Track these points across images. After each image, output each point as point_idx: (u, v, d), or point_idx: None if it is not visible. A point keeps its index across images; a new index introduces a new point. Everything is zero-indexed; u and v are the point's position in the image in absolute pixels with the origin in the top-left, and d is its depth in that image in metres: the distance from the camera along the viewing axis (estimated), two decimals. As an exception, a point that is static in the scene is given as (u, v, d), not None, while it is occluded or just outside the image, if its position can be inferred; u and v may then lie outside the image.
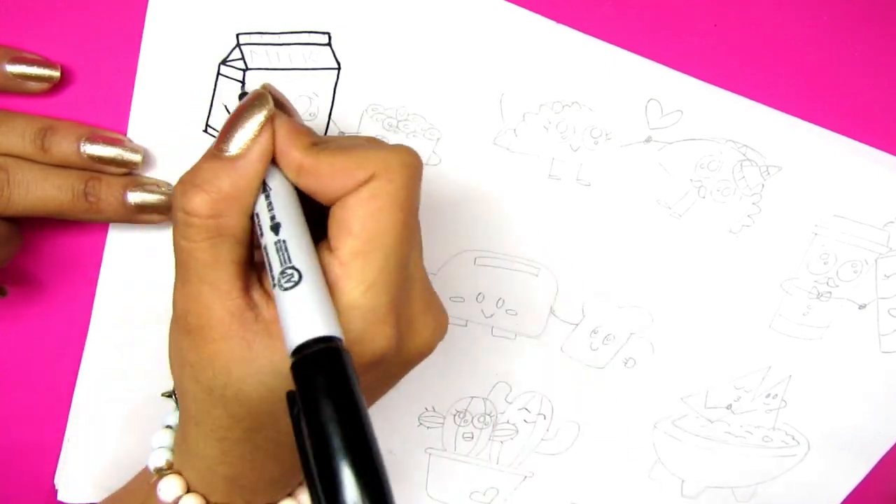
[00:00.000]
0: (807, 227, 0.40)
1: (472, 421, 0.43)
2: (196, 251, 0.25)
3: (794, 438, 0.46)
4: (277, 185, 0.26)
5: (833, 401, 0.45)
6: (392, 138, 0.35)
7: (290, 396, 0.23)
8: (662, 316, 0.41)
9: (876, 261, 0.41)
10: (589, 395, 0.43)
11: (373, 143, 0.27)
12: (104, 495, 0.40)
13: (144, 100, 0.33)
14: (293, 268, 0.24)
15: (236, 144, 0.25)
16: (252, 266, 0.27)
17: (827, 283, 0.41)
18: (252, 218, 0.26)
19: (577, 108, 0.36)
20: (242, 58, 0.33)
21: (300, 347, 0.22)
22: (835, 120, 0.38)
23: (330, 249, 0.25)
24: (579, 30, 0.34)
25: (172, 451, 0.31)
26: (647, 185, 0.38)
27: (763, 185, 0.38)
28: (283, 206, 0.25)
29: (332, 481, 0.19)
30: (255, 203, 0.26)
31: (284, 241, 0.24)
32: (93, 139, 0.32)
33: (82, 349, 0.37)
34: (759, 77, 0.37)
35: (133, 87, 0.33)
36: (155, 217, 0.33)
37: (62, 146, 0.31)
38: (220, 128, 0.33)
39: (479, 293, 0.40)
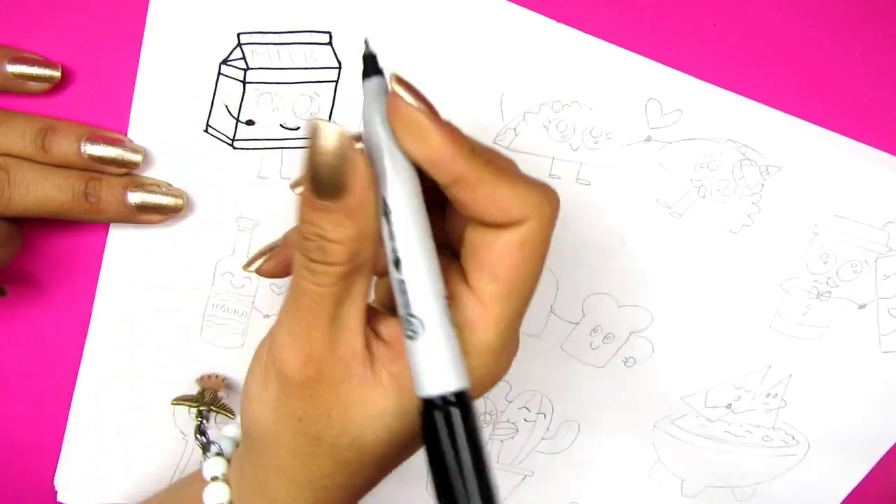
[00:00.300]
0: (807, 226, 0.40)
1: (472, 421, 0.43)
2: (327, 296, 0.23)
3: (794, 438, 0.46)
4: (399, 199, 0.23)
5: (833, 400, 0.45)
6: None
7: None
8: (662, 315, 0.41)
9: (876, 261, 0.41)
10: (589, 394, 0.43)
11: (527, 181, 0.25)
12: (104, 495, 0.40)
13: (145, 100, 0.33)
14: (414, 316, 0.22)
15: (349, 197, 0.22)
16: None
17: (827, 283, 0.41)
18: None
19: (578, 108, 0.36)
20: (243, 57, 0.33)
21: (427, 400, 0.22)
22: (835, 120, 0.38)
23: (468, 286, 0.25)
24: (579, 29, 0.34)
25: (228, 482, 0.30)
26: (647, 184, 0.38)
27: (763, 185, 0.39)
28: (404, 232, 0.23)
29: None
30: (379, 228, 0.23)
31: (404, 283, 0.22)
32: (93, 139, 0.32)
33: (82, 349, 0.37)
34: (759, 77, 0.37)
35: (134, 86, 0.33)
36: (155, 217, 0.33)
37: (62, 146, 0.31)
38: (220, 128, 0.34)
39: (480, 293, 0.40)
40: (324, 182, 0.22)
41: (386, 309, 0.28)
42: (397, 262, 0.23)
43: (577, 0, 0.34)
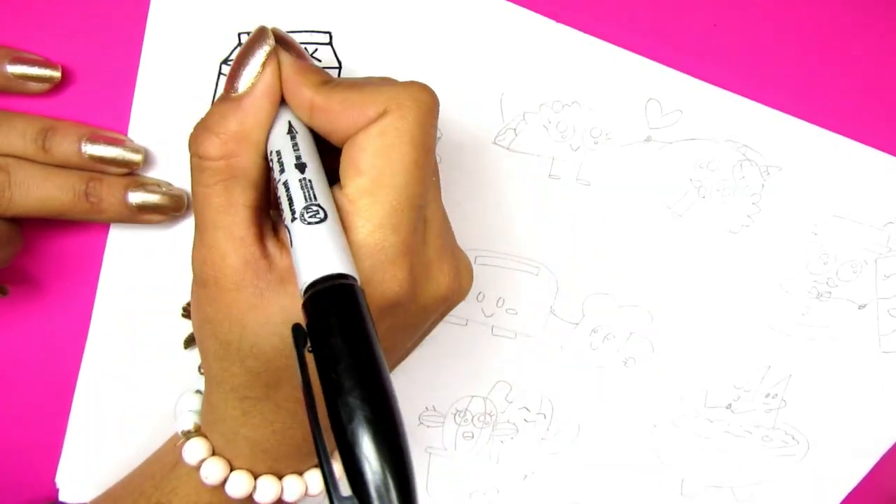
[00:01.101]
0: (806, 227, 0.40)
1: (472, 420, 0.43)
2: (210, 195, 0.25)
3: (793, 438, 0.46)
4: (298, 125, 0.26)
5: (833, 400, 0.45)
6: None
7: (296, 330, 0.22)
8: (662, 315, 0.41)
9: (875, 261, 0.41)
10: (589, 394, 0.43)
11: (386, 81, 0.27)
12: (105, 495, 0.40)
13: (145, 99, 0.33)
14: (318, 205, 0.23)
15: (242, 83, 0.25)
16: (267, 215, 0.26)
17: (827, 283, 0.41)
18: (266, 159, 0.26)
19: (578, 108, 0.36)
20: (243, 58, 0.33)
21: (314, 283, 0.21)
22: (835, 120, 0.38)
23: (339, 188, 0.25)
24: (579, 29, 0.35)
25: (199, 413, 0.31)
26: (647, 184, 0.38)
27: (763, 185, 0.39)
28: (306, 148, 0.25)
29: (340, 421, 0.18)
30: (267, 141, 0.25)
31: (310, 181, 0.24)
32: (94, 139, 0.32)
33: (82, 349, 0.37)
34: (759, 77, 0.37)
35: (134, 86, 0.33)
36: (156, 217, 0.33)
37: (63, 146, 0.31)
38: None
39: (480, 292, 0.40)
40: (238, 74, 0.25)
41: None
42: (302, 167, 0.24)
43: (578, 0, 0.34)
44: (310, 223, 0.23)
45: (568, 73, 0.35)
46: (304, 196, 0.23)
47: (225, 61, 0.33)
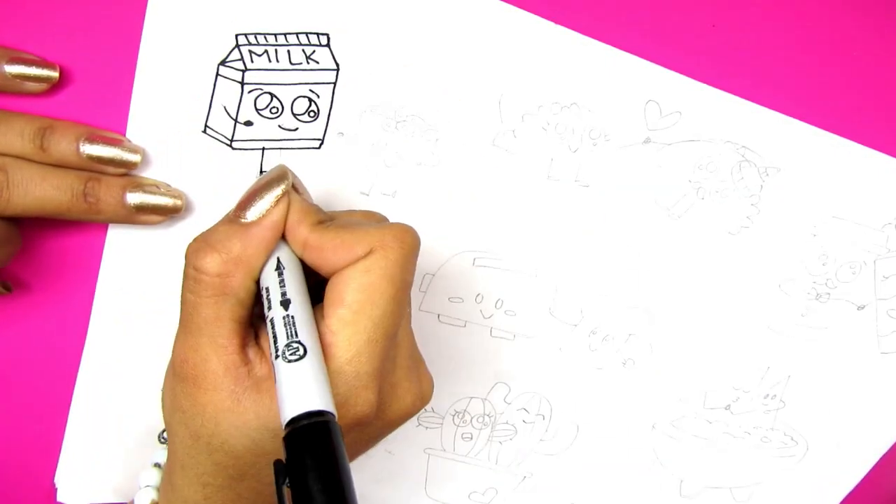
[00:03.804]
0: (805, 228, 0.40)
1: (471, 421, 0.43)
2: (200, 306, 0.27)
3: (792, 439, 0.46)
4: (288, 261, 0.28)
5: (832, 401, 0.45)
6: (391, 139, 0.35)
7: (277, 466, 0.23)
8: (661, 317, 0.41)
9: (874, 262, 0.41)
10: (588, 395, 0.43)
11: (374, 220, 0.29)
12: (104, 495, 0.40)
13: (143, 100, 0.33)
14: (299, 342, 0.25)
15: (253, 213, 0.27)
16: (250, 325, 0.28)
17: (826, 284, 0.41)
18: (257, 282, 0.27)
19: (576, 110, 0.36)
20: (241, 58, 0.33)
21: (293, 420, 0.23)
22: (833, 122, 0.38)
23: (322, 318, 0.27)
24: (578, 31, 0.34)
25: (158, 490, 0.32)
26: (646, 186, 0.38)
27: (762, 187, 0.38)
28: (293, 283, 0.27)
29: None
30: (262, 269, 0.27)
31: (293, 317, 0.26)
32: (92, 139, 0.32)
33: (81, 349, 0.37)
34: (758, 78, 0.37)
35: (132, 87, 0.33)
36: (154, 218, 0.33)
37: (61, 146, 0.31)
38: (219, 129, 0.34)
39: (478, 294, 0.40)
40: (251, 203, 0.27)
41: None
42: (286, 304, 0.26)
43: (576, 2, 0.34)
44: (290, 360, 0.24)
45: (567, 74, 0.35)
46: (287, 333, 0.25)
47: (223, 62, 0.33)
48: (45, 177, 0.31)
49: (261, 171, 0.35)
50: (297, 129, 0.34)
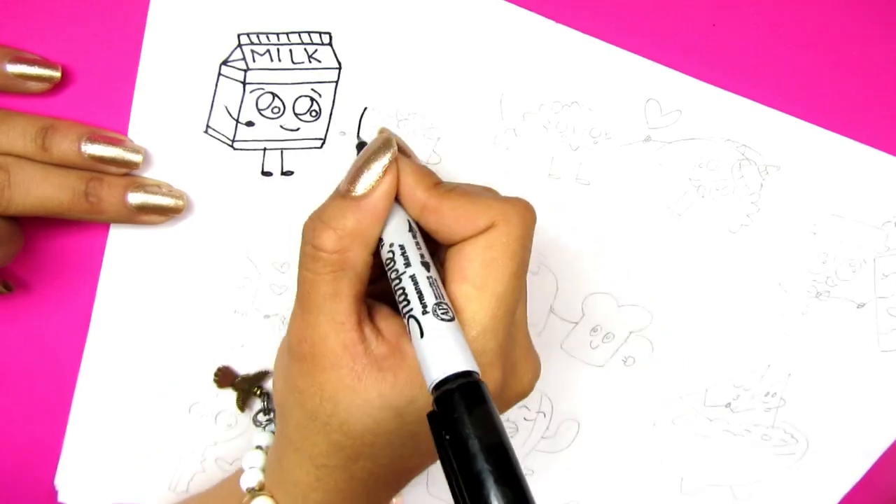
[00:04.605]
0: (805, 226, 0.40)
1: (472, 420, 0.43)
2: (319, 283, 0.27)
3: (792, 437, 0.46)
4: (413, 224, 0.28)
5: (832, 399, 0.45)
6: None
7: (433, 418, 0.23)
8: (662, 315, 0.41)
9: (874, 260, 0.41)
10: (588, 393, 0.44)
11: (491, 192, 0.29)
12: (104, 495, 0.40)
13: (145, 100, 0.33)
14: (447, 305, 0.25)
15: (362, 186, 0.27)
16: (363, 302, 0.28)
17: (825, 283, 0.41)
18: (372, 255, 0.27)
19: (577, 108, 0.36)
20: (243, 58, 0.33)
21: (447, 379, 0.23)
22: (833, 120, 0.38)
23: (446, 292, 0.27)
24: (579, 30, 0.35)
25: (263, 471, 0.33)
26: (647, 184, 0.38)
27: (762, 185, 0.39)
28: (425, 249, 0.27)
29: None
30: (380, 237, 0.27)
31: (436, 280, 0.26)
32: (93, 139, 0.32)
33: (83, 349, 0.37)
34: (758, 77, 0.37)
35: (134, 87, 0.33)
36: (155, 218, 0.33)
37: (63, 145, 0.31)
38: (220, 129, 0.34)
39: (479, 292, 0.40)
40: (360, 176, 0.27)
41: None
42: (427, 265, 0.26)
43: (577, 1, 0.34)
44: (443, 320, 0.24)
45: (567, 73, 0.35)
46: (434, 294, 0.25)
47: (225, 62, 0.33)
48: (46, 176, 0.31)
49: (262, 172, 0.35)
50: (298, 128, 0.34)
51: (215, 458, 0.41)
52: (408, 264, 0.26)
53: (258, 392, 0.39)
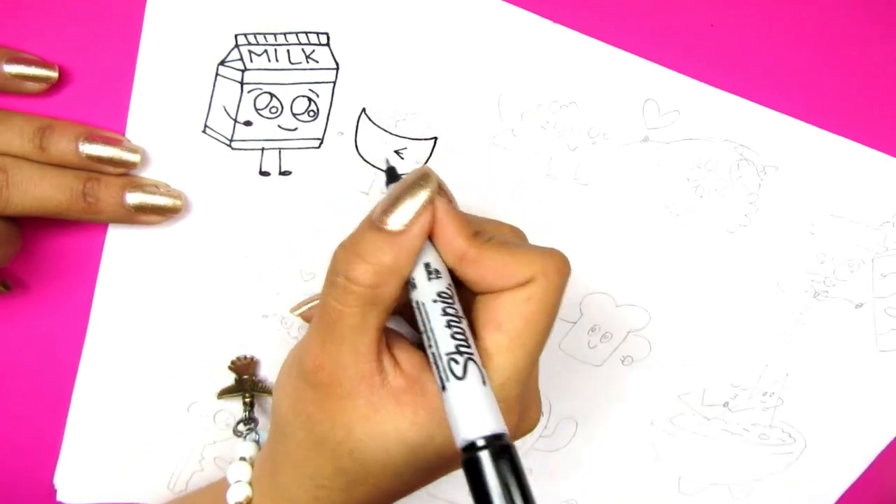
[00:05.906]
0: (803, 226, 0.40)
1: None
2: (346, 315, 0.26)
3: (790, 436, 0.46)
4: (443, 269, 0.27)
5: (830, 399, 0.45)
6: (391, 138, 0.35)
7: (469, 466, 0.23)
8: (660, 314, 0.42)
9: (872, 260, 0.41)
10: (586, 392, 0.44)
11: (522, 239, 0.30)
12: (104, 495, 0.40)
13: (143, 100, 0.33)
14: (472, 355, 0.25)
15: (399, 221, 0.26)
16: (384, 332, 0.28)
17: (824, 283, 0.41)
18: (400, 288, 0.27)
19: (575, 108, 0.36)
20: (241, 58, 0.33)
21: (478, 443, 0.23)
22: (831, 120, 0.38)
23: (476, 338, 0.27)
24: (577, 30, 0.35)
25: (250, 484, 0.32)
26: (645, 184, 0.38)
27: (760, 185, 0.39)
28: (456, 298, 0.27)
29: None
30: (409, 275, 0.27)
31: (465, 329, 0.26)
32: (91, 139, 0.32)
33: (81, 349, 0.37)
34: (756, 77, 0.37)
35: (131, 87, 0.32)
36: (154, 218, 0.33)
37: (60, 145, 0.31)
38: (218, 129, 0.34)
39: (478, 292, 0.40)
40: (396, 209, 0.26)
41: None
42: (461, 316, 0.26)
43: (575, 1, 0.34)
44: (458, 378, 0.24)
45: (565, 73, 0.35)
46: (462, 342, 0.25)
47: (222, 62, 0.33)
48: (44, 176, 0.31)
49: (260, 172, 0.35)
50: (296, 128, 0.34)
51: (214, 458, 0.41)
52: (438, 316, 0.26)
53: (248, 399, 0.39)
